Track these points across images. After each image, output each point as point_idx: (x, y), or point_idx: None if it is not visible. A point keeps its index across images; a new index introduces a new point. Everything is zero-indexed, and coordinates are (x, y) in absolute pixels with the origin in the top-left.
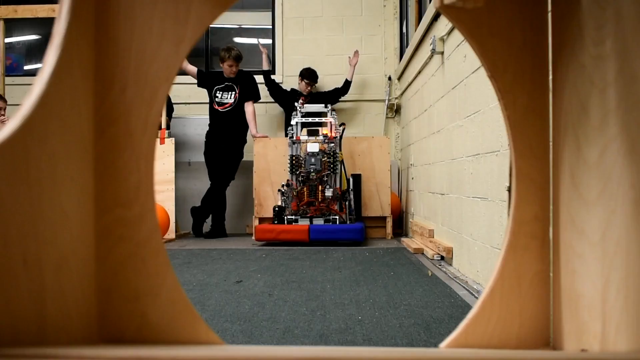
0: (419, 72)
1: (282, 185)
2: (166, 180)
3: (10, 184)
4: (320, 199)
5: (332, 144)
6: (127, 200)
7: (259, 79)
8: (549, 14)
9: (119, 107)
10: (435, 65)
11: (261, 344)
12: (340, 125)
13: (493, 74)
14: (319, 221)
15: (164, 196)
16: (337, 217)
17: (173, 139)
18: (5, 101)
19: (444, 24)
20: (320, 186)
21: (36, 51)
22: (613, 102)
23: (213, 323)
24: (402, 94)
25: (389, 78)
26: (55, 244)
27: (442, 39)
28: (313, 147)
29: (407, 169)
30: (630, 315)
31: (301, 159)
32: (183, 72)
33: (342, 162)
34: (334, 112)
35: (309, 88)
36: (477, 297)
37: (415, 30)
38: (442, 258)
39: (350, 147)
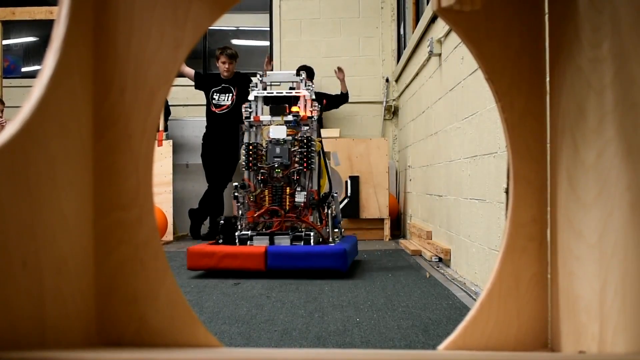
0: (417, 74)
1: (236, 187)
2: (164, 182)
3: (9, 187)
4: (287, 207)
5: (306, 127)
6: (126, 203)
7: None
8: (546, 17)
9: (117, 110)
10: (433, 67)
11: (259, 347)
12: (318, 103)
13: (490, 77)
14: (284, 240)
15: (162, 198)
16: (313, 233)
17: (171, 141)
18: (3, 103)
19: (441, 26)
20: (288, 188)
21: (34, 53)
22: (610, 105)
23: (211, 325)
24: (399, 95)
25: (387, 80)
26: (54, 246)
27: (440, 41)
28: (278, 131)
29: (404, 171)
30: (628, 317)
31: (262, 148)
32: (180, 75)
33: (320, 153)
34: (310, 84)
35: None
36: (475, 299)
37: (413, 32)
38: (440, 260)
39: (348, 149)
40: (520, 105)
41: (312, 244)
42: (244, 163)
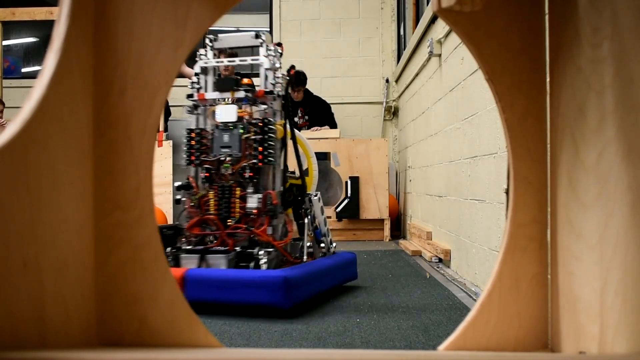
0: (417, 75)
1: (178, 187)
2: (164, 183)
3: (10, 187)
4: (237, 215)
5: (265, 106)
6: (126, 204)
7: None
8: (546, 17)
9: (118, 110)
10: (433, 67)
11: (259, 347)
12: (284, 72)
13: (490, 77)
14: (220, 261)
15: (162, 198)
16: (269, 250)
17: (171, 141)
18: (3, 104)
19: (441, 27)
20: (238, 189)
21: (34, 54)
22: (610, 105)
23: (211, 326)
24: (399, 96)
25: (387, 80)
26: (54, 247)
27: (440, 42)
28: (226, 112)
29: (405, 171)
30: (628, 318)
31: (207, 136)
32: (181, 75)
33: (287, 140)
34: (274, 48)
35: (299, 95)
36: (475, 300)
37: (413, 32)
38: (440, 260)
39: (348, 150)
40: (521, 105)
41: (263, 267)
42: (185, 156)
